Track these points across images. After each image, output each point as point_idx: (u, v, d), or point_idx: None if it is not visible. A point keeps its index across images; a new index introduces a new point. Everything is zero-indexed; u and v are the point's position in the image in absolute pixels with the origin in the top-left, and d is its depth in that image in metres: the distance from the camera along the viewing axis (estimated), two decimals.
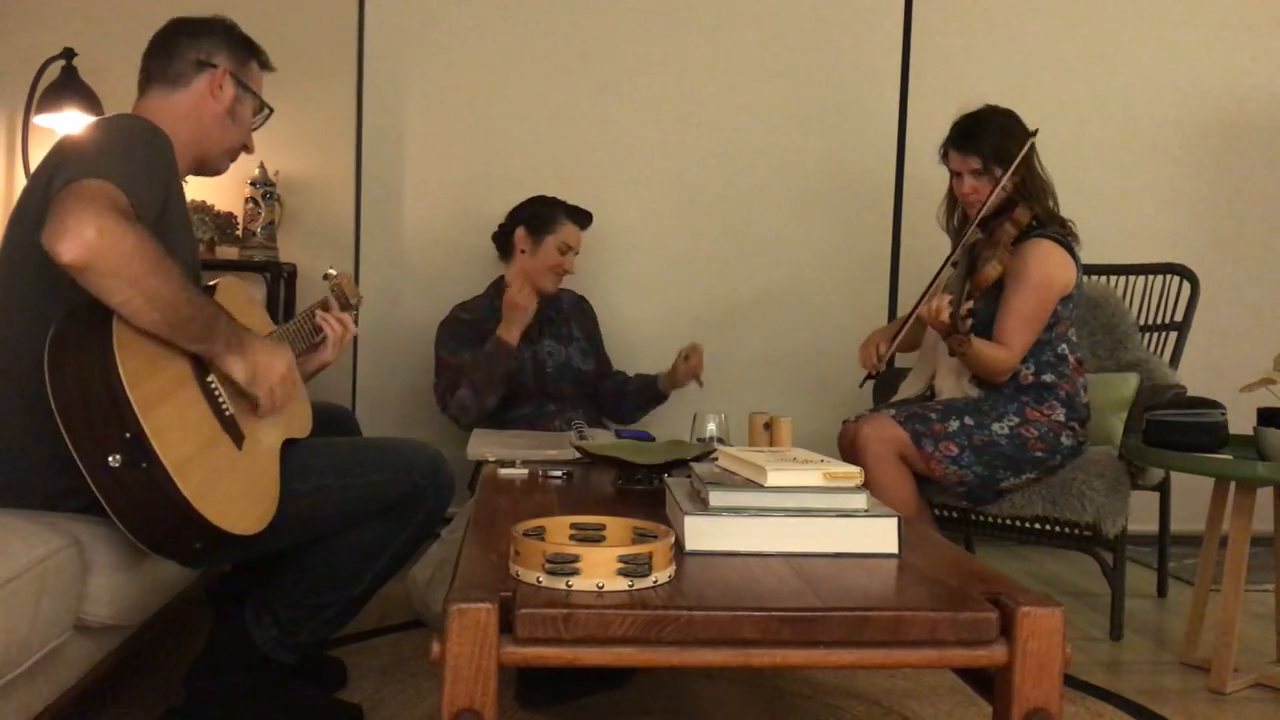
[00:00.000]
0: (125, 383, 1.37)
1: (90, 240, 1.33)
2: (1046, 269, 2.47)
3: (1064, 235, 2.53)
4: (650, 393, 2.98)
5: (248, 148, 1.90)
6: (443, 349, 2.82)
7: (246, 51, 1.86)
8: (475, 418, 2.72)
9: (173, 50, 1.77)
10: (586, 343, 3.00)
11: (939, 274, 2.58)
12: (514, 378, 2.78)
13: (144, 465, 1.37)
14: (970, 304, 2.37)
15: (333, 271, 2.11)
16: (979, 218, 2.52)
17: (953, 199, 2.69)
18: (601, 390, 3.04)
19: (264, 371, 1.58)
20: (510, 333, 2.73)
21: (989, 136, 2.52)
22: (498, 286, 2.93)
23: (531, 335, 2.85)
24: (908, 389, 2.71)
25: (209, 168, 1.85)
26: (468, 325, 2.84)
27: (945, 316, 2.33)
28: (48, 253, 1.34)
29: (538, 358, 2.86)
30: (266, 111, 1.91)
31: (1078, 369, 2.55)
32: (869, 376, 2.64)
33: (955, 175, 2.61)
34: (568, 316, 3.01)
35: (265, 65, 1.92)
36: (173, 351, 1.50)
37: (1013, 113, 2.57)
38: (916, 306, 2.64)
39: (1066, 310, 2.53)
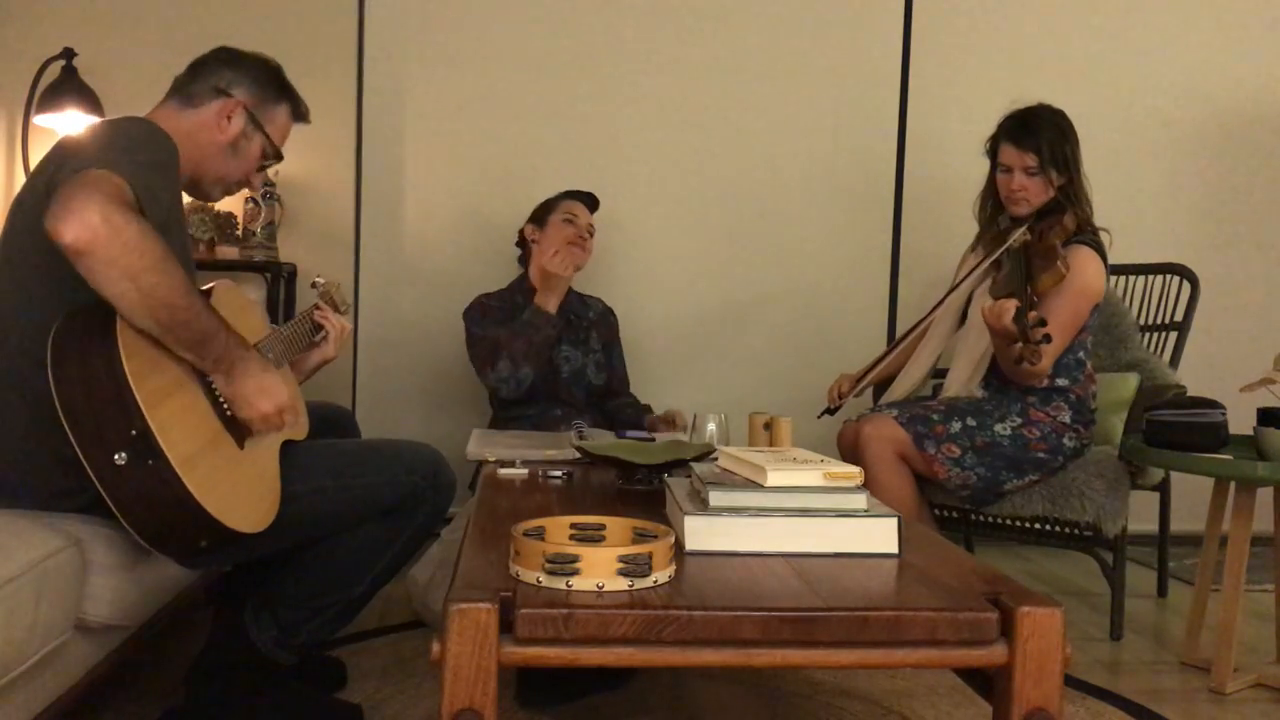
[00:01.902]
0: (130, 379, 1.37)
1: (93, 225, 1.32)
2: (1086, 277, 2.44)
3: (1098, 242, 2.50)
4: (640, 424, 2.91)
5: (250, 185, 1.87)
6: (474, 325, 2.81)
7: (278, 95, 1.83)
8: (514, 389, 2.70)
9: (200, 71, 1.78)
10: (602, 356, 2.97)
11: (972, 271, 2.57)
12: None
13: (150, 462, 1.36)
14: (1035, 313, 2.19)
15: (320, 279, 2.15)
16: (1029, 218, 2.49)
17: (989, 192, 2.65)
18: (608, 408, 2.98)
19: (252, 400, 1.55)
20: (548, 301, 2.74)
21: (1046, 134, 2.49)
22: (519, 283, 2.94)
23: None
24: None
25: (199, 192, 1.83)
26: (496, 308, 2.85)
27: (1010, 322, 2.19)
28: (51, 238, 1.33)
29: (553, 362, 2.85)
30: (275, 158, 1.86)
31: (1090, 375, 2.55)
32: (826, 411, 2.75)
33: (1004, 170, 2.55)
34: (591, 325, 2.98)
35: (299, 117, 1.89)
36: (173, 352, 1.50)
37: (1064, 113, 2.54)
38: (906, 335, 2.65)
39: (1092, 318, 2.52)
